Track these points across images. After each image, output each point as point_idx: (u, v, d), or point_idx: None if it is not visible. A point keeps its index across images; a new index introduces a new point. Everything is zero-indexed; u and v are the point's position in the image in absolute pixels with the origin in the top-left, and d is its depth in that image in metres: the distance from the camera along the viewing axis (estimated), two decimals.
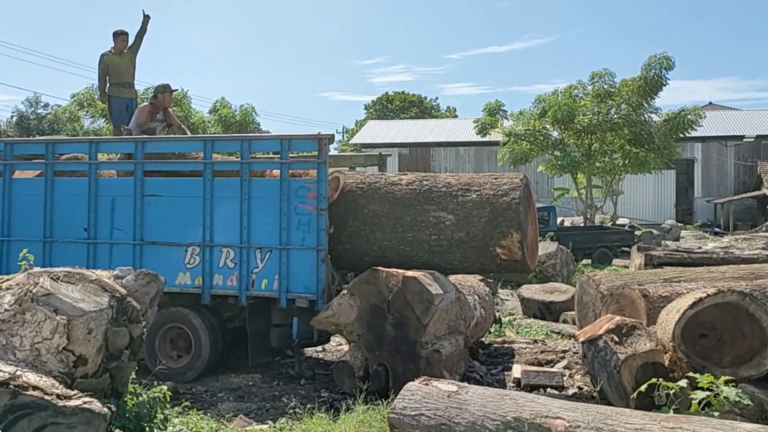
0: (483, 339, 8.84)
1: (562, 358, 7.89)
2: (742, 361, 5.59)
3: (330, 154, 7.67)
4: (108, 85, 10.34)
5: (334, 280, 7.47)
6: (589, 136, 23.25)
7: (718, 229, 32.49)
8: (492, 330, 9.35)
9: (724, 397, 4.64)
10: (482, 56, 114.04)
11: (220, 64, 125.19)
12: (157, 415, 4.79)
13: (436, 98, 78.93)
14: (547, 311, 11.03)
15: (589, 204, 24.77)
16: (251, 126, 29.34)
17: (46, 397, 3.82)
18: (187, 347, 7.58)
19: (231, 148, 8.51)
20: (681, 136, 24.28)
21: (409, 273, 6.64)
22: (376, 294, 6.63)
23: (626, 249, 19.21)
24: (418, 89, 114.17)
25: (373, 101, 63.50)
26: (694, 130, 24.58)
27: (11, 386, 3.81)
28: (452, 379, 5.94)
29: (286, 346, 7.90)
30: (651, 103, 23.21)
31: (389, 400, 5.50)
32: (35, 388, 3.85)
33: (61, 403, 3.82)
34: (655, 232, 25.10)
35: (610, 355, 5.84)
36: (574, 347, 8.02)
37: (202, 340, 7.47)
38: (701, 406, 4.64)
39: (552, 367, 7.64)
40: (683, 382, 4.91)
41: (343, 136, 59.32)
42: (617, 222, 27.54)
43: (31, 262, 5.30)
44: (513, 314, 11.50)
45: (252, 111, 29.78)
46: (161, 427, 4.72)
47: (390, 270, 6.72)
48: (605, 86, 23.20)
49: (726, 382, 4.76)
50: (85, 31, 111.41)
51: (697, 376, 4.86)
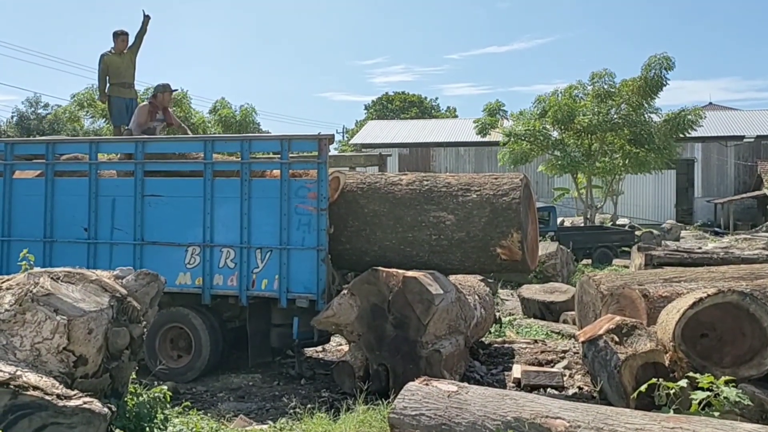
0: (483, 339, 8.84)
1: (562, 358, 7.89)
2: (743, 361, 5.59)
3: (330, 154, 7.67)
4: (108, 85, 10.34)
5: (335, 280, 7.47)
6: (589, 136, 23.25)
7: (718, 229, 32.47)
8: (492, 330, 9.34)
9: (725, 398, 4.64)
10: (482, 56, 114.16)
11: (220, 64, 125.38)
12: (158, 415, 4.79)
13: (436, 98, 79.08)
14: (547, 311, 11.02)
15: (589, 204, 24.77)
16: (251, 126, 29.40)
17: (47, 397, 3.82)
18: (188, 347, 7.59)
19: (231, 149, 8.50)
20: (681, 136, 24.27)
21: (410, 273, 6.64)
22: (377, 294, 6.63)
23: (626, 249, 19.21)
24: (418, 89, 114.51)
25: (373, 101, 63.55)
26: (695, 130, 24.56)
27: (11, 386, 3.81)
28: (452, 379, 5.94)
29: (287, 346, 7.90)
30: (651, 104, 23.20)
31: (389, 400, 5.51)
32: (35, 388, 3.84)
33: (61, 403, 3.82)
34: (656, 232, 25.09)
35: (611, 355, 5.84)
36: (574, 347, 8.02)
37: (203, 340, 7.48)
38: (701, 406, 4.64)
39: (552, 367, 7.64)
40: (683, 382, 4.91)
41: (343, 137, 59.35)
42: (617, 222, 27.55)
43: (32, 262, 5.31)
44: (513, 314, 11.50)
45: (252, 111, 29.85)
46: (161, 427, 4.72)
47: (390, 270, 6.72)
48: (605, 86, 23.20)
49: (726, 382, 4.76)
50: (85, 31, 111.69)
51: (698, 376, 4.86)
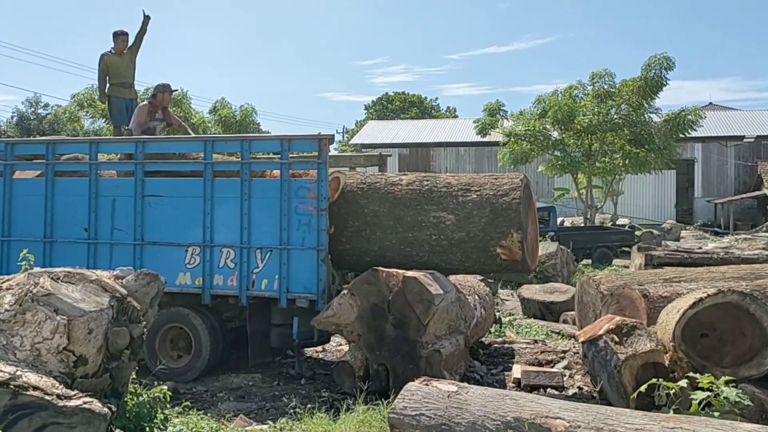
0: (483, 339, 8.84)
1: (562, 359, 7.89)
2: (743, 361, 5.59)
3: (330, 154, 7.67)
4: (108, 85, 10.34)
5: (335, 280, 7.47)
6: (590, 136, 23.26)
7: (718, 230, 32.47)
8: (492, 330, 9.34)
9: (725, 398, 4.63)
10: (482, 56, 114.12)
11: (220, 64, 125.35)
12: (158, 415, 4.79)
13: (437, 98, 79.16)
14: (547, 311, 11.02)
15: (590, 204, 24.77)
16: (251, 126, 29.43)
17: (47, 397, 3.82)
18: (188, 347, 7.59)
19: (231, 149, 8.50)
20: (681, 136, 24.26)
21: (410, 273, 6.64)
22: (377, 294, 6.63)
23: (626, 249, 19.22)
24: (418, 89, 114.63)
25: (373, 101, 63.56)
26: (695, 131, 24.56)
27: (11, 386, 3.81)
28: (452, 379, 5.95)
29: (287, 346, 7.90)
30: (651, 104, 23.20)
31: (389, 400, 5.51)
32: (35, 388, 3.84)
33: (61, 403, 3.82)
34: (656, 232, 25.09)
35: (611, 355, 5.84)
36: (574, 347, 8.02)
37: (203, 340, 7.48)
38: (701, 406, 4.64)
39: (552, 367, 7.64)
40: (683, 382, 4.91)
41: (343, 137, 59.34)
42: (617, 222, 27.56)
43: (32, 263, 5.31)
44: (513, 314, 11.50)
45: (252, 111, 29.87)
46: (161, 427, 4.72)
47: (390, 270, 6.72)
48: (605, 86, 23.20)
49: (726, 382, 4.76)
50: (85, 31, 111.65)
51: (698, 376, 4.86)
